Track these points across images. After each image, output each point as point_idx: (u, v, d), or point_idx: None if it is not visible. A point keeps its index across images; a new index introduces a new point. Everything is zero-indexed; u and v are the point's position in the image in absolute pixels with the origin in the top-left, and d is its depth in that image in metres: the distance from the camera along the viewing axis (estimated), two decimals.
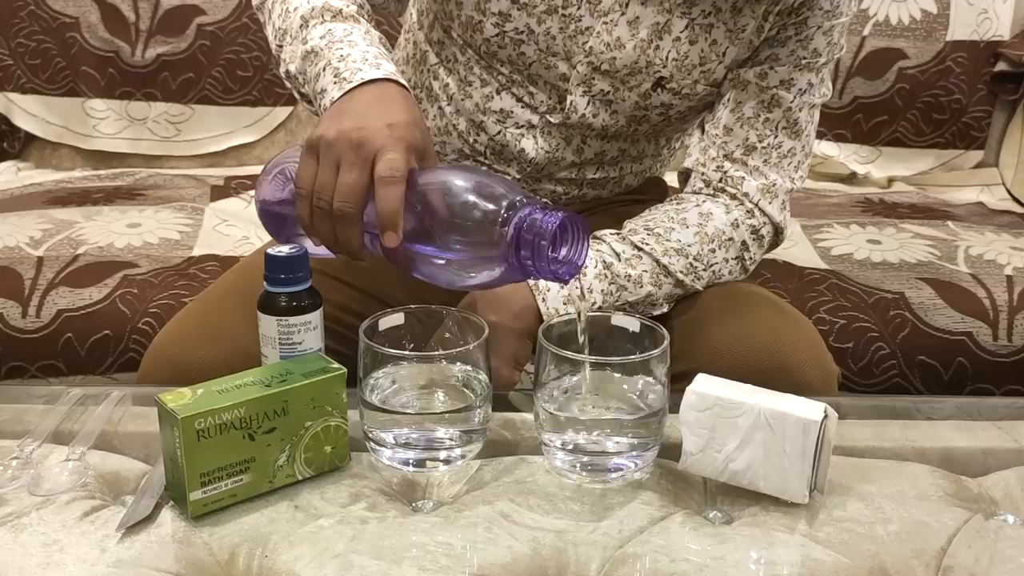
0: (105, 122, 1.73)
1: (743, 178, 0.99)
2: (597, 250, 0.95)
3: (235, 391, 0.72)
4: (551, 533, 0.70)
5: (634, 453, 0.76)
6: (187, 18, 1.69)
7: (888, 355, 1.20)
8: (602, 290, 0.94)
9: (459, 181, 0.75)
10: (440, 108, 1.05)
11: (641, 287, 0.95)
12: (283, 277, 0.78)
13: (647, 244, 0.96)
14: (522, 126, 1.03)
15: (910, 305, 1.24)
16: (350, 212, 0.76)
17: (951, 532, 0.71)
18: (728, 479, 0.74)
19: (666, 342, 0.75)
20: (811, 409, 0.72)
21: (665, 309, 0.98)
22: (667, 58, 0.96)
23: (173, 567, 0.66)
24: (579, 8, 0.95)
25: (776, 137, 0.98)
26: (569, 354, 0.75)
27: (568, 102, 1.00)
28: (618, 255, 0.95)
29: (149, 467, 0.77)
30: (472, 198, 0.74)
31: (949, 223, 1.51)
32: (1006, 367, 1.22)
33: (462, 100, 1.03)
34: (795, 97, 0.97)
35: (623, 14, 0.95)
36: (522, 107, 1.02)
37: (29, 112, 1.72)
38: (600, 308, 0.93)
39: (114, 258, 1.29)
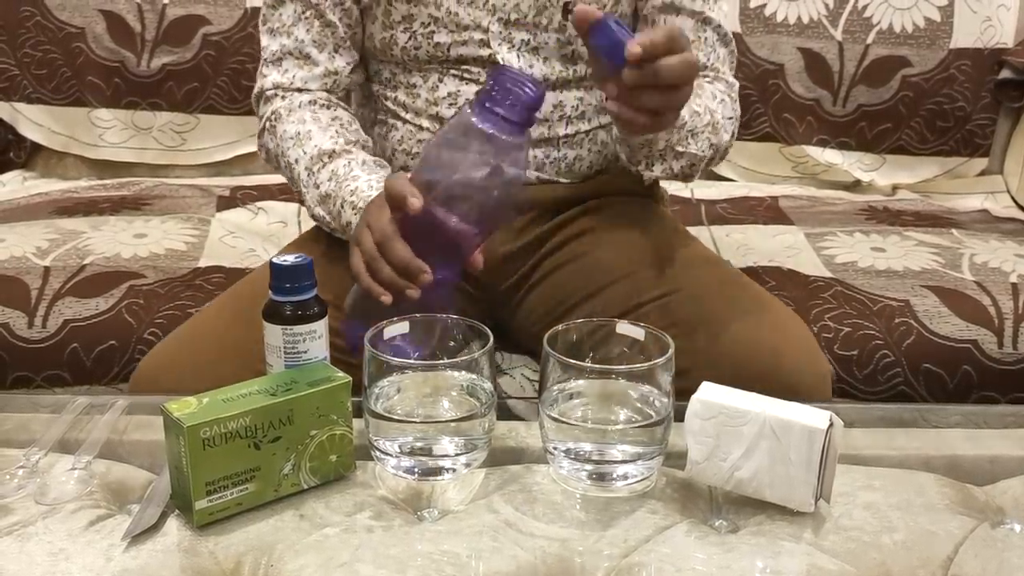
0: (111, 131, 1.73)
1: (711, 82, 1.08)
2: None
3: (240, 400, 0.72)
4: (556, 542, 0.70)
5: (639, 461, 0.76)
6: (192, 28, 1.70)
7: (893, 363, 1.20)
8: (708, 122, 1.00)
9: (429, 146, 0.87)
10: (402, 118, 1.10)
11: (700, 116, 1.00)
12: (288, 286, 0.79)
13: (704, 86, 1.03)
14: None
15: (915, 313, 1.24)
16: (388, 236, 0.85)
17: (958, 541, 0.71)
18: (733, 487, 0.74)
19: (671, 350, 0.75)
20: (816, 417, 0.72)
21: (705, 154, 1.02)
22: None
23: None
24: None
25: (716, 52, 1.09)
26: (575, 362, 0.75)
27: (500, 62, 1.04)
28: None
29: (155, 476, 0.77)
30: (442, 135, 0.85)
31: (953, 231, 1.51)
32: (1012, 375, 1.21)
33: (413, 102, 1.09)
34: (718, 12, 1.07)
35: None
36: (466, 83, 1.06)
37: (35, 122, 1.73)
38: (682, 121, 0.96)
39: (120, 268, 1.30)
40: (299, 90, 1.08)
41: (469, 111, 0.82)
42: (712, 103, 1.04)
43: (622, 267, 1.05)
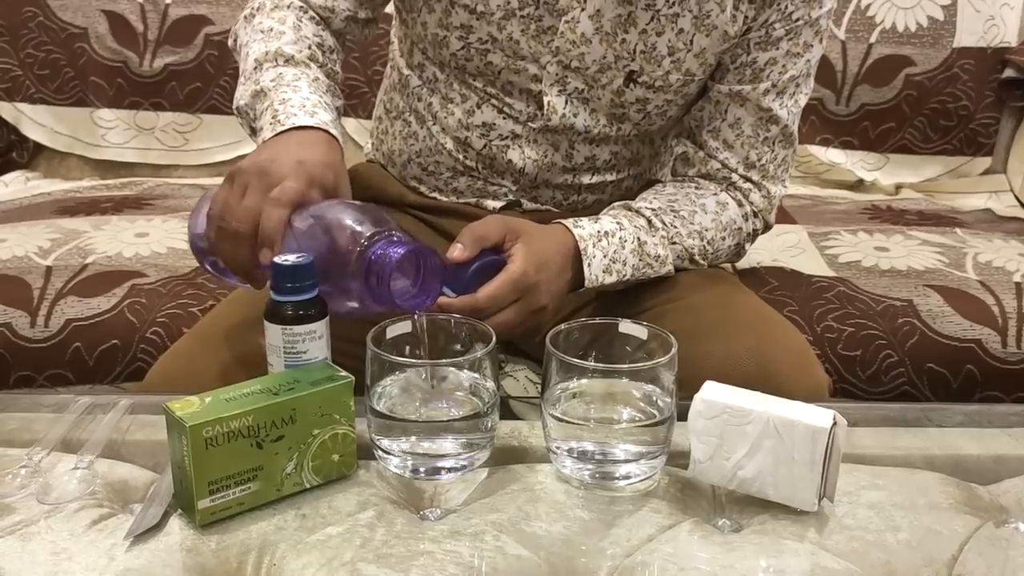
0: (113, 132, 1.73)
1: (750, 189, 1.05)
2: (635, 225, 0.98)
3: (243, 399, 0.72)
4: (559, 541, 0.70)
5: (642, 461, 0.76)
6: (195, 28, 1.70)
7: (896, 363, 1.20)
8: (633, 265, 0.97)
9: (335, 213, 0.81)
10: (428, 129, 1.08)
11: (664, 266, 1.00)
12: (289, 286, 0.78)
13: (675, 227, 1.00)
14: (506, 137, 1.03)
15: (918, 312, 1.24)
16: (244, 232, 0.80)
17: (962, 540, 0.71)
18: (737, 487, 0.74)
19: (674, 349, 0.75)
20: (820, 416, 0.71)
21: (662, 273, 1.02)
22: (635, 51, 0.98)
23: (181, 575, 0.66)
24: (537, 8, 0.97)
25: (773, 152, 1.04)
26: (577, 361, 0.75)
27: (546, 104, 1.01)
28: (652, 231, 0.99)
29: (157, 475, 0.77)
30: (339, 228, 0.80)
31: (957, 230, 1.51)
32: (1016, 374, 1.21)
33: (445, 118, 1.06)
34: (788, 112, 1.02)
35: (583, 9, 0.96)
36: (503, 118, 1.03)
37: (38, 122, 1.73)
38: (621, 279, 0.97)
39: (122, 268, 1.30)
40: None
41: (361, 267, 0.78)
42: (711, 236, 1.02)
43: None
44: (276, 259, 0.80)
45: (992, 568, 0.68)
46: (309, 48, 0.99)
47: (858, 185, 1.76)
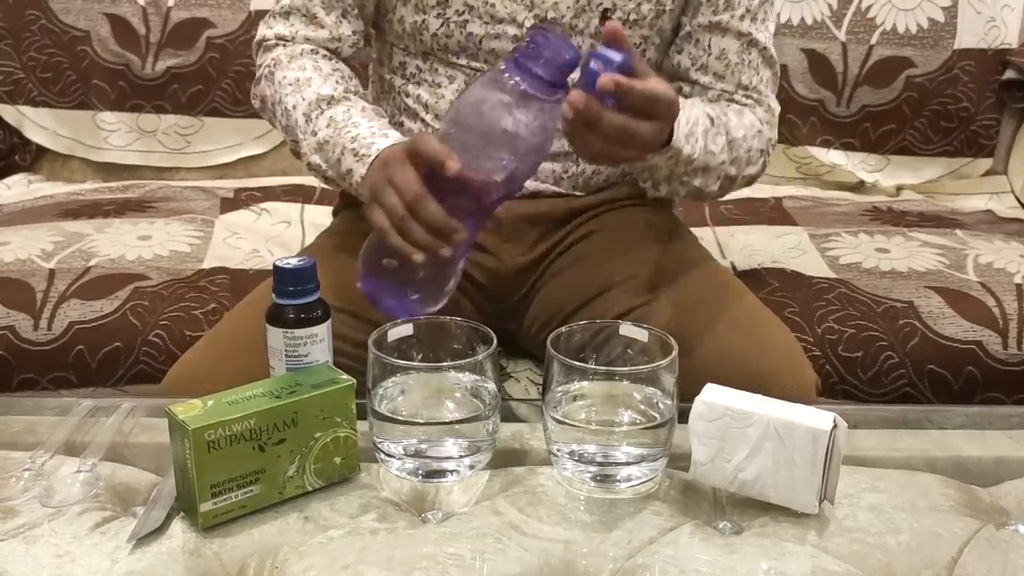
0: (115, 134, 1.73)
1: (753, 105, 1.08)
2: (705, 112, 0.99)
3: (245, 402, 0.72)
4: (560, 544, 0.70)
5: (643, 463, 0.76)
6: (197, 31, 1.70)
7: (897, 364, 1.20)
8: (702, 147, 0.97)
9: (462, 107, 0.85)
10: (421, 119, 1.09)
11: (716, 159, 1.00)
12: (291, 289, 0.79)
13: (721, 119, 1.02)
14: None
15: (919, 314, 1.24)
16: (420, 196, 0.83)
17: (962, 542, 0.71)
18: (738, 489, 0.74)
19: (675, 352, 0.75)
20: (820, 419, 0.72)
21: (712, 189, 1.03)
22: None
23: None
24: None
25: (760, 74, 1.08)
26: (578, 364, 0.75)
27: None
28: (712, 120, 1.00)
29: (160, 478, 0.77)
30: (472, 90, 0.85)
31: (958, 231, 1.51)
32: (1016, 376, 1.21)
33: (436, 103, 1.07)
34: (764, 36, 1.07)
35: None
36: None
37: (40, 125, 1.73)
38: (690, 159, 0.96)
39: (125, 270, 1.30)
40: (303, 42, 1.08)
41: (503, 67, 0.82)
42: (742, 134, 1.03)
43: (612, 274, 1.05)
44: (277, 262, 0.80)
45: (992, 570, 0.68)
46: (338, 82, 1.03)
47: (859, 186, 1.76)
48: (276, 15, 1.09)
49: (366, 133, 0.96)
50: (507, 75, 0.81)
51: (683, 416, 0.75)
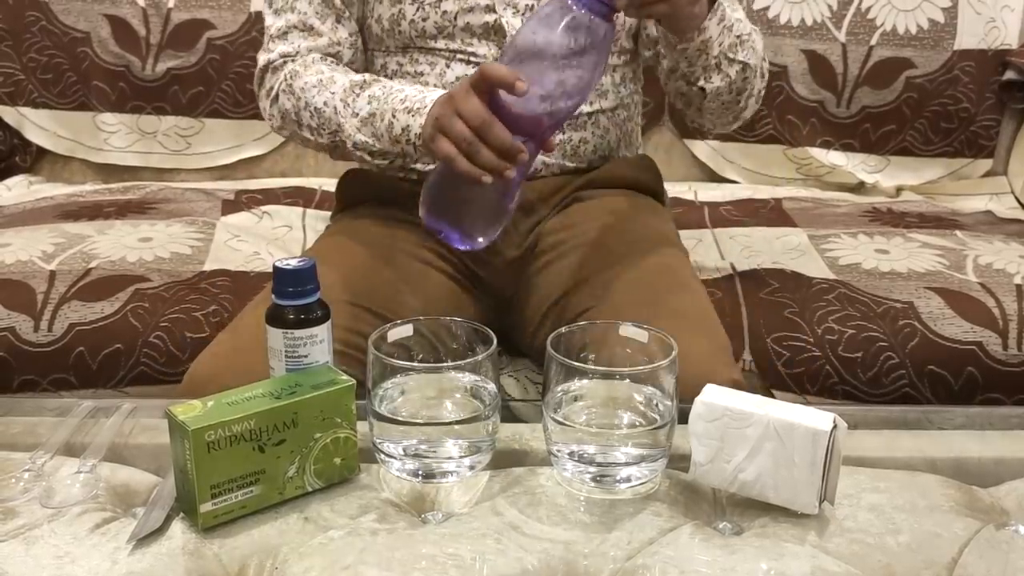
0: (116, 136, 1.74)
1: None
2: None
3: (245, 403, 0.72)
4: (560, 544, 0.70)
5: (643, 464, 0.76)
6: (197, 32, 1.70)
7: (897, 365, 1.20)
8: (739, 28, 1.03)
9: (521, 46, 0.88)
10: None
11: (744, 29, 1.04)
12: (291, 290, 0.79)
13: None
14: None
15: (919, 315, 1.24)
16: (488, 121, 0.87)
17: (962, 543, 0.71)
18: (738, 490, 0.74)
19: (674, 352, 0.75)
20: (820, 419, 0.72)
21: (752, 61, 1.06)
22: None
23: None
24: None
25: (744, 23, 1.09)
26: (578, 365, 0.75)
27: (506, 27, 1.06)
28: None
29: (160, 479, 0.77)
30: (532, 19, 0.88)
31: (957, 232, 1.51)
32: (1016, 376, 1.21)
33: None
34: None
35: None
36: (473, 67, 1.08)
37: (40, 126, 1.73)
38: (731, 24, 1.02)
39: (126, 272, 1.30)
40: (307, 53, 1.11)
41: None
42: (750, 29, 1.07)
43: (574, 276, 1.07)
44: (277, 263, 0.80)
45: (992, 571, 0.68)
46: (358, 72, 1.08)
47: (859, 187, 1.76)
48: (274, 38, 1.12)
49: (413, 93, 1.00)
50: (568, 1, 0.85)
51: (683, 417, 0.75)
